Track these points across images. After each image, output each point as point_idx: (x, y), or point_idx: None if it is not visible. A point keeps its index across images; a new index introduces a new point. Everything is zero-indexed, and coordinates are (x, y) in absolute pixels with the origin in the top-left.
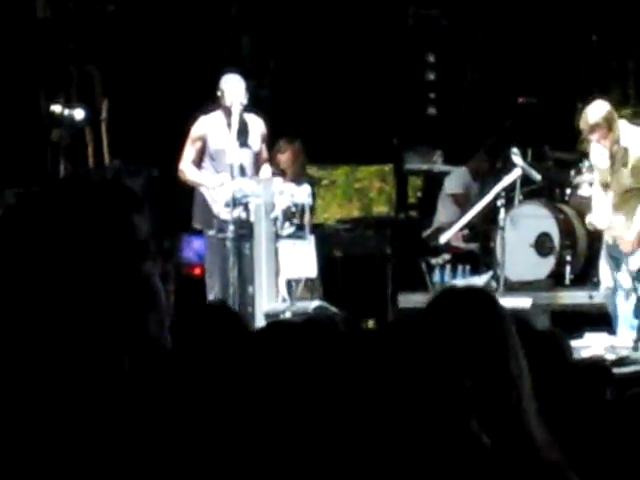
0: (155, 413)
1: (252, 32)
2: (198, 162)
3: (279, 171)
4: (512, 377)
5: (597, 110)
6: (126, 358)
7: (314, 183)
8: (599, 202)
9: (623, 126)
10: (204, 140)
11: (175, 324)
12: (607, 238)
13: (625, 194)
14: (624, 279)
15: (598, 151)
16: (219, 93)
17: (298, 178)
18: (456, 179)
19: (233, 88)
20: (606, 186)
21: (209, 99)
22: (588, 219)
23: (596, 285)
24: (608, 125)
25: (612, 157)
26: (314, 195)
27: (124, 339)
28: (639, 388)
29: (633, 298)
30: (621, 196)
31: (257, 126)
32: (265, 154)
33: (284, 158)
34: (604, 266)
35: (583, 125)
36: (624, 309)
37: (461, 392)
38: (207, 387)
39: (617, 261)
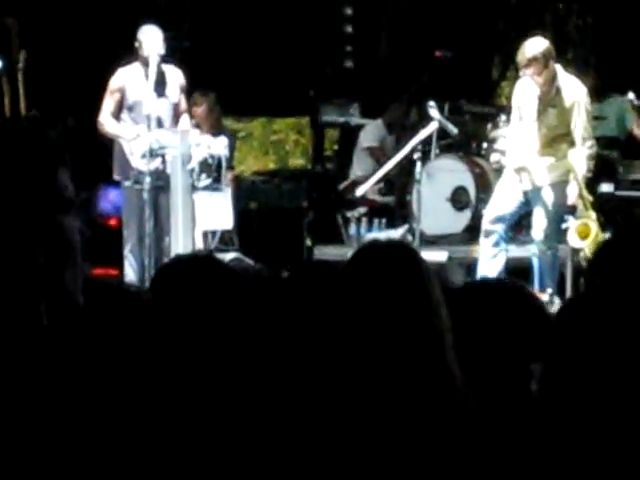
0: (71, 365)
1: None
2: (117, 114)
3: (196, 124)
4: (435, 327)
5: (536, 45)
6: (43, 309)
7: (233, 136)
8: (516, 142)
9: (558, 69)
10: (122, 92)
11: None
12: (523, 187)
13: (550, 136)
14: (537, 232)
15: (525, 88)
16: (137, 44)
17: (214, 130)
18: (371, 132)
19: (150, 39)
20: (526, 126)
21: (127, 51)
22: (495, 157)
23: (512, 239)
24: (545, 61)
25: (541, 97)
26: (233, 148)
27: (41, 291)
28: None
29: (548, 251)
30: (546, 137)
31: (175, 77)
32: (184, 105)
33: (199, 111)
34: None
35: (520, 58)
36: (539, 262)
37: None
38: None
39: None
